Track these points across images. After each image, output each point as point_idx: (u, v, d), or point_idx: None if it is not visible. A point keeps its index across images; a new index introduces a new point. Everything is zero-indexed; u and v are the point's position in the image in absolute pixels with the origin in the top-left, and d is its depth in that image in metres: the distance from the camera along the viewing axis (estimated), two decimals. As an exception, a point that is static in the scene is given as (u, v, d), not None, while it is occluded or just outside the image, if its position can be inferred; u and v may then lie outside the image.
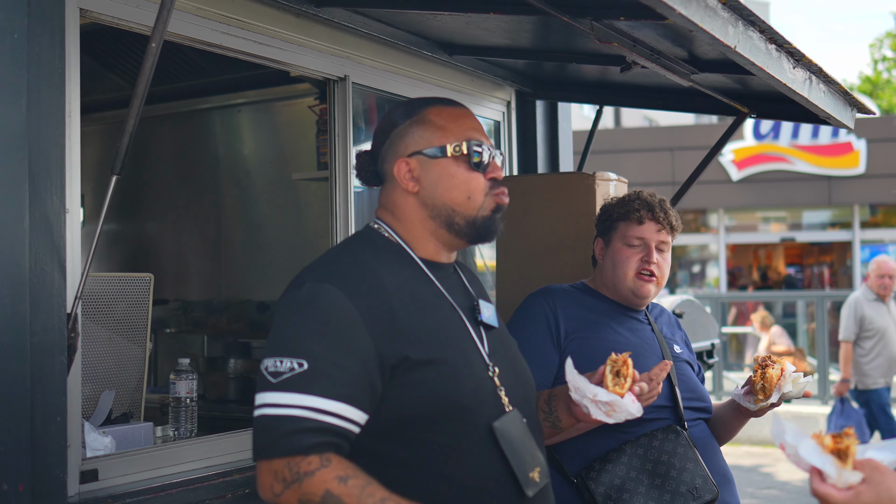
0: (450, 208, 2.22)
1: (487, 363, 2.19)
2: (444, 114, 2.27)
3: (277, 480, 1.93)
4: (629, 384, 2.20)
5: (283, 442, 1.92)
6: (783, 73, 2.92)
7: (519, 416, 2.18)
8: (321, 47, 3.39)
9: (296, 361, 1.96)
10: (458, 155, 2.20)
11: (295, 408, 1.93)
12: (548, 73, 4.39)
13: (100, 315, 2.98)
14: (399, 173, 2.22)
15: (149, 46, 2.34)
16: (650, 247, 3.21)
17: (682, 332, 3.54)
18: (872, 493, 1.74)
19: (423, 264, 2.22)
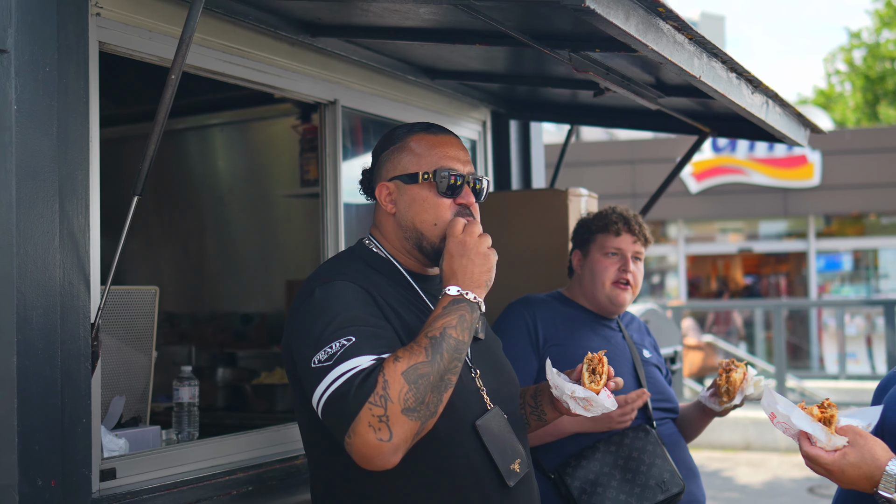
0: (419, 232, 2.44)
1: (470, 366, 2.42)
2: (423, 141, 2.49)
3: (378, 427, 2.02)
4: (604, 381, 2.45)
5: (358, 394, 2.03)
6: (742, 99, 3.19)
7: (500, 413, 2.41)
8: (313, 73, 3.61)
9: (343, 339, 2.14)
10: (428, 182, 2.42)
11: (354, 369, 2.09)
12: (521, 95, 4.64)
13: (110, 326, 3.17)
14: (380, 196, 2.47)
15: (168, 78, 2.55)
16: (626, 257, 3.48)
17: (650, 338, 3.81)
18: (857, 453, 2.06)
19: (409, 277, 2.46)
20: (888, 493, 2.02)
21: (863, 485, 2.07)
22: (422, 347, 2.11)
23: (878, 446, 2.07)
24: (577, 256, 3.59)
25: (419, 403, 2.06)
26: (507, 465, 2.36)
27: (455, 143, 2.51)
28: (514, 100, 4.70)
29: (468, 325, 2.20)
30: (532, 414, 2.67)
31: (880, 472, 2.03)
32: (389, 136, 2.54)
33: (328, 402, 2.09)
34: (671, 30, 2.55)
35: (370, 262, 2.46)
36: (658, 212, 21.01)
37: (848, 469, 2.06)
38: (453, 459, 2.31)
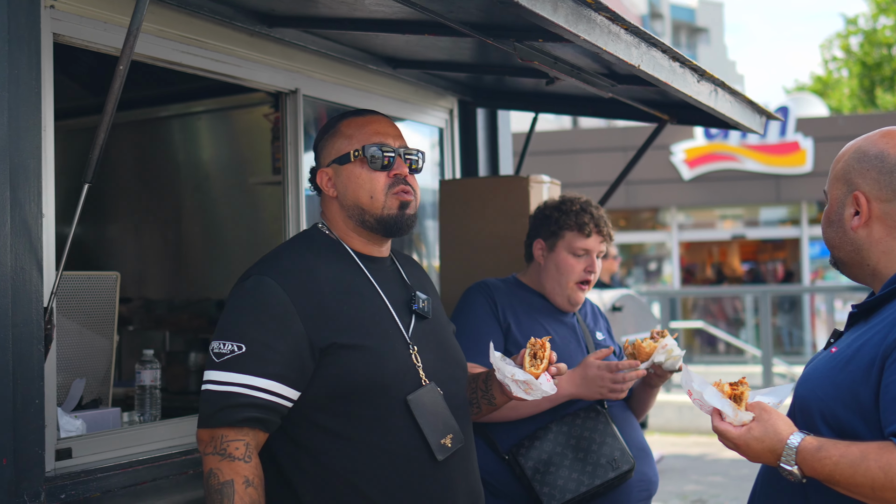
0: (360, 208, 2.57)
1: (408, 342, 2.52)
2: (352, 123, 2.63)
3: (210, 444, 2.32)
4: (545, 365, 2.52)
5: (220, 415, 2.31)
6: (688, 87, 3.27)
7: (434, 389, 2.51)
8: (274, 63, 3.68)
9: (235, 345, 2.34)
10: (359, 158, 2.56)
11: (233, 385, 2.32)
12: (487, 84, 4.71)
13: (71, 310, 3.25)
14: (321, 182, 2.60)
15: (117, 69, 2.62)
16: (593, 257, 3.55)
17: (604, 321, 3.90)
18: (760, 428, 2.14)
19: (357, 258, 2.55)
20: (789, 465, 2.10)
21: (767, 458, 2.15)
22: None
23: (782, 421, 2.15)
24: (541, 246, 3.63)
25: (204, 485, 2.37)
26: (437, 439, 2.46)
27: (383, 120, 2.65)
28: (480, 89, 4.77)
29: None
30: (483, 398, 2.75)
31: (782, 446, 2.11)
32: (325, 127, 2.66)
33: (204, 395, 2.36)
34: (605, 21, 2.62)
35: (320, 245, 2.56)
36: (651, 198, 21.10)
37: (753, 443, 2.15)
38: (387, 433, 2.42)
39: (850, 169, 2.30)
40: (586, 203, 3.61)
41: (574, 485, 3.31)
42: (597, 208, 3.62)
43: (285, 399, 2.35)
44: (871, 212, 2.25)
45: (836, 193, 2.34)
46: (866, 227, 2.27)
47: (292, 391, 2.37)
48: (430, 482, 2.44)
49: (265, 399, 2.32)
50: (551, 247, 3.59)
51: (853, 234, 2.28)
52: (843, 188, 2.31)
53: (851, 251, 2.30)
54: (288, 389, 2.35)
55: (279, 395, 2.34)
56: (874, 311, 2.24)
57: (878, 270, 2.27)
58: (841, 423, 2.14)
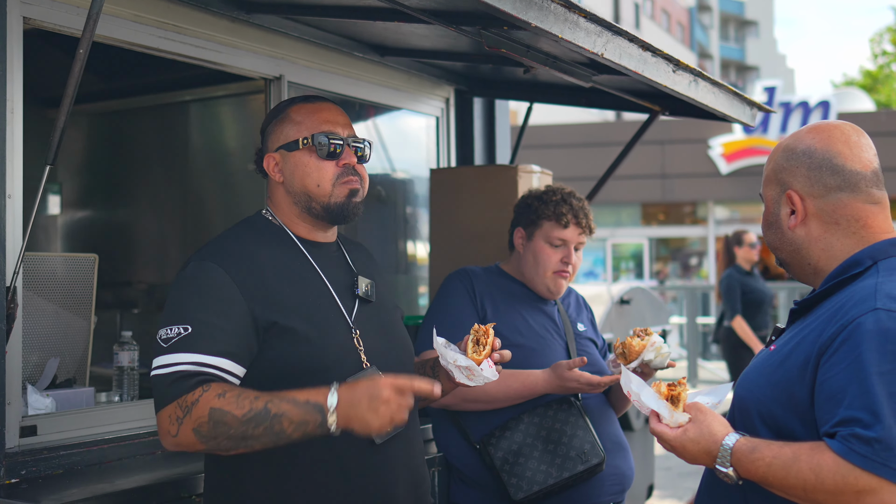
0: (306, 195, 2.58)
1: (351, 326, 2.53)
2: (302, 110, 2.64)
3: (172, 422, 2.28)
4: (487, 351, 2.52)
5: (172, 389, 2.29)
6: (662, 76, 3.23)
7: (375, 372, 2.51)
8: (256, 49, 3.71)
9: (181, 327, 2.34)
10: (308, 146, 2.56)
11: (182, 364, 2.32)
12: (484, 74, 4.70)
13: (47, 291, 3.31)
14: (268, 167, 2.62)
15: (77, 53, 2.66)
16: (570, 248, 3.54)
17: (587, 312, 3.87)
18: (696, 429, 2.11)
19: (300, 243, 2.57)
20: (724, 467, 2.05)
21: (704, 459, 2.11)
22: (248, 405, 2.25)
23: (717, 422, 2.11)
24: (521, 235, 3.63)
25: (207, 438, 2.26)
26: None
27: (333, 108, 2.65)
28: (477, 78, 4.76)
29: (304, 431, 2.26)
30: None
31: (717, 447, 2.07)
32: (273, 111, 2.67)
33: (154, 380, 2.33)
34: (560, 8, 2.60)
35: (262, 231, 2.58)
36: (688, 193, 20.93)
37: (688, 444, 2.11)
38: None
39: (780, 168, 2.25)
40: (568, 194, 3.59)
41: (542, 476, 3.30)
42: (579, 200, 3.59)
43: (233, 376, 2.37)
44: (807, 210, 2.20)
45: (770, 194, 2.29)
46: (804, 225, 2.22)
47: (240, 368, 2.38)
48: (369, 465, 2.45)
49: (215, 374, 2.33)
50: (530, 235, 3.58)
51: (791, 233, 2.24)
52: (776, 188, 2.26)
53: (792, 251, 2.26)
54: (236, 366, 2.37)
55: (228, 372, 2.35)
56: (813, 308, 2.20)
57: (818, 268, 2.22)
58: (778, 424, 2.10)
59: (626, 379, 2.28)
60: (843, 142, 2.21)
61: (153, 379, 2.35)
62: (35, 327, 3.25)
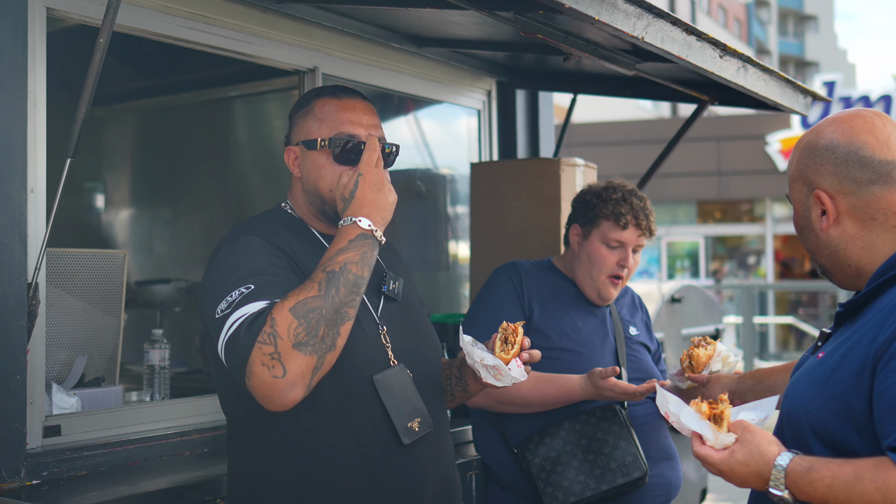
0: (320, 197, 2.44)
1: (377, 322, 2.41)
2: (327, 106, 2.46)
3: (270, 366, 2.01)
4: (515, 350, 2.38)
5: (247, 336, 2.03)
6: (708, 62, 3.08)
7: (403, 371, 2.39)
8: (289, 40, 3.61)
9: (243, 287, 2.15)
10: (325, 148, 2.40)
11: (251, 313, 2.09)
12: (526, 64, 4.56)
13: (75, 288, 3.25)
14: (288, 160, 2.48)
15: (97, 42, 2.58)
16: (628, 251, 3.36)
17: (642, 314, 3.69)
18: (744, 450, 1.92)
19: (322, 238, 2.45)
20: (778, 490, 1.86)
21: (755, 482, 1.91)
22: (315, 283, 2.10)
23: (766, 440, 1.92)
24: (577, 232, 3.44)
25: (311, 337, 2.04)
26: (403, 422, 2.35)
27: (360, 107, 2.47)
28: (519, 69, 4.63)
29: (369, 262, 2.18)
30: (457, 385, 2.64)
31: (769, 469, 1.88)
32: (301, 100, 2.54)
33: (226, 348, 2.09)
34: (596, -12, 2.47)
35: (283, 222, 2.47)
36: (745, 190, 20.54)
37: (737, 468, 1.92)
38: (354, 414, 2.31)
39: (805, 167, 2.06)
40: (630, 192, 3.39)
41: (579, 487, 3.15)
42: (640, 199, 3.39)
43: None
44: (838, 208, 2.01)
45: (797, 196, 2.09)
46: (837, 225, 2.03)
47: None
48: (396, 466, 2.33)
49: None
50: (586, 234, 3.39)
51: (825, 235, 2.05)
52: (803, 189, 2.07)
53: (829, 254, 2.07)
54: None
55: None
56: (861, 310, 2.02)
57: (860, 268, 2.04)
58: (834, 438, 1.91)
59: (661, 398, 2.10)
60: (867, 131, 2.02)
61: (225, 349, 2.09)
62: (62, 325, 3.19)
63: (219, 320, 2.13)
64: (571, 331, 3.35)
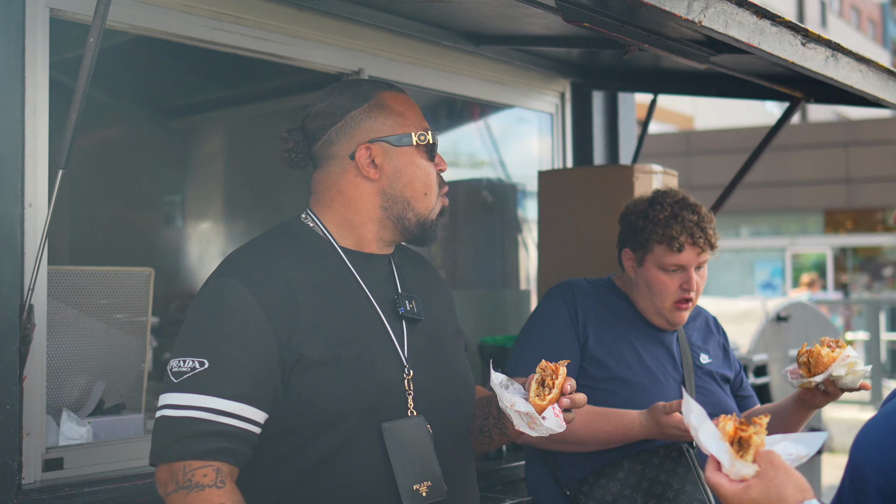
0: (406, 201, 2.17)
1: (404, 364, 2.09)
2: (399, 100, 2.22)
3: (171, 481, 1.92)
4: (554, 395, 2.02)
5: (181, 446, 1.91)
6: (786, 51, 2.66)
7: (422, 425, 2.07)
8: (329, 40, 3.35)
9: (197, 361, 1.95)
10: (423, 144, 2.17)
11: (194, 409, 1.92)
12: (604, 63, 4.19)
13: (96, 308, 3.04)
14: (360, 159, 2.15)
15: (87, 42, 2.36)
16: (690, 272, 2.97)
17: (718, 338, 3.27)
18: (762, 488, 1.59)
19: (345, 255, 2.15)
20: None
21: None
22: None
23: (792, 483, 1.56)
24: (629, 258, 3.06)
25: None
26: (409, 483, 2.02)
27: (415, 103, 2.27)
28: (595, 69, 4.26)
29: None
30: (495, 426, 2.28)
31: None
32: (347, 93, 2.21)
33: (159, 423, 1.96)
34: (636, -37, 2.11)
35: (300, 240, 2.16)
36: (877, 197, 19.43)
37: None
38: (350, 466, 2.00)
39: None
40: (679, 205, 2.98)
41: None
42: (693, 212, 2.97)
43: (255, 424, 1.96)
44: None
45: None
46: None
47: (261, 414, 1.97)
48: None
49: (233, 425, 1.93)
50: (640, 261, 3.01)
51: None
52: None
53: None
54: (257, 412, 1.96)
55: (248, 420, 1.95)
56: None
57: None
58: None
59: (686, 406, 1.74)
60: None
61: (158, 421, 1.96)
62: (80, 348, 2.99)
63: (166, 379, 1.98)
64: (631, 359, 2.97)
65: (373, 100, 2.19)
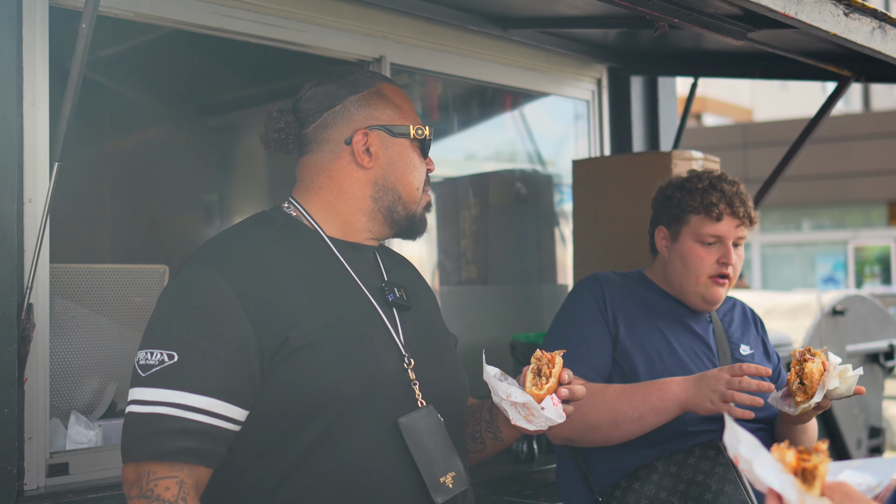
0: (397, 194, 2.07)
1: (403, 353, 1.97)
2: (397, 93, 2.15)
3: (135, 485, 1.81)
4: (551, 385, 1.89)
5: (146, 444, 1.79)
6: (829, 22, 2.47)
7: (433, 414, 1.95)
8: (350, 27, 3.22)
9: (166, 353, 1.83)
10: (420, 138, 2.09)
11: (162, 405, 1.80)
12: (642, 46, 4.01)
13: (109, 308, 2.95)
14: (357, 144, 2.05)
15: (80, 28, 2.25)
16: (727, 245, 2.82)
17: (757, 329, 3.08)
18: None
19: (332, 243, 2.03)
20: None
21: None
22: None
23: None
24: (663, 235, 2.93)
25: None
26: (435, 476, 1.91)
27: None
28: (632, 52, 4.07)
29: None
30: (487, 431, 2.14)
31: None
32: (348, 77, 2.10)
33: (127, 419, 1.85)
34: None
35: (280, 228, 2.04)
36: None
37: None
38: (371, 465, 1.87)
39: None
40: (718, 178, 2.86)
41: None
42: (731, 184, 2.84)
43: (229, 421, 1.83)
44: None
45: None
46: None
47: (238, 410, 1.84)
48: None
49: (203, 422, 1.80)
50: (675, 235, 2.87)
51: None
52: None
53: None
54: (232, 408, 1.83)
55: (221, 417, 1.82)
56: None
57: None
58: None
59: (731, 434, 1.51)
60: None
61: (126, 417, 1.85)
62: (93, 349, 2.89)
63: (134, 373, 1.87)
64: (665, 351, 2.79)
65: (372, 88, 2.10)
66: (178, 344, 1.83)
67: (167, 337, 1.85)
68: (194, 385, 1.80)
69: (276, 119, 2.08)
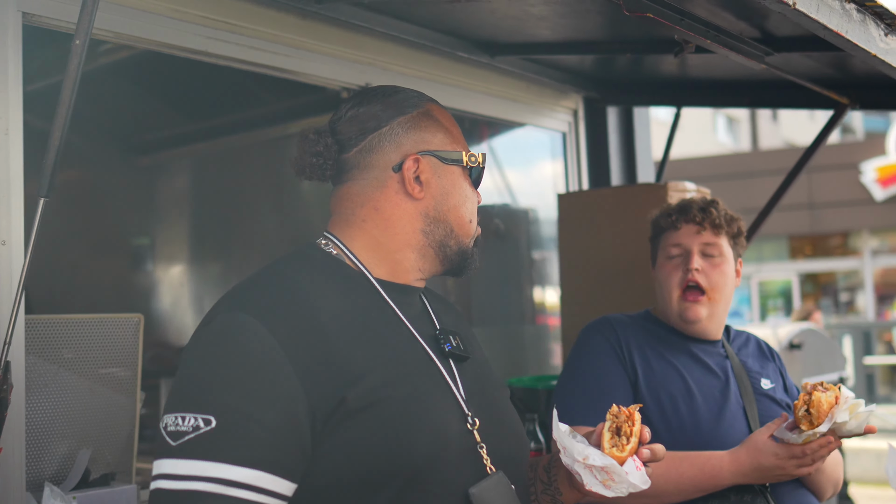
0: (450, 228, 1.82)
1: (466, 412, 1.71)
2: (446, 115, 1.90)
3: None
4: (633, 445, 1.67)
5: None
6: (870, 42, 2.35)
7: (505, 481, 1.70)
8: (335, 52, 3.00)
9: (201, 418, 1.52)
10: (473, 166, 1.86)
11: (198, 480, 1.49)
12: (619, 74, 3.88)
13: (79, 363, 2.62)
14: (408, 171, 1.79)
15: (73, 45, 1.97)
16: (691, 251, 2.70)
17: (775, 364, 2.94)
18: None
19: (380, 286, 1.77)
20: None
21: None
22: None
23: None
24: (652, 268, 2.86)
25: None
26: None
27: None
28: (610, 81, 3.94)
29: None
30: (545, 493, 1.90)
31: None
32: (397, 97, 1.85)
33: (155, 496, 1.54)
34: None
35: (319, 270, 1.76)
36: (839, 222, 19.43)
37: None
38: None
39: None
40: (690, 199, 2.81)
41: None
42: (694, 196, 2.86)
43: (276, 497, 1.54)
44: None
45: None
46: None
47: (286, 484, 1.55)
48: None
49: (247, 499, 1.51)
50: (654, 261, 2.82)
51: None
52: None
53: None
54: (280, 482, 1.54)
55: (267, 492, 1.53)
56: None
57: None
58: None
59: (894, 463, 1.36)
60: None
61: (153, 494, 1.54)
62: (61, 410, 2.56)
63: (161, 441, 1.56)
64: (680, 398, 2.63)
65: (421, 108, 1.84)
66: (216, 406, 1.53)
67: (202, 398, 1.55)
68: (236, 455, 1.50)
69: (313, 142, 1.82)
